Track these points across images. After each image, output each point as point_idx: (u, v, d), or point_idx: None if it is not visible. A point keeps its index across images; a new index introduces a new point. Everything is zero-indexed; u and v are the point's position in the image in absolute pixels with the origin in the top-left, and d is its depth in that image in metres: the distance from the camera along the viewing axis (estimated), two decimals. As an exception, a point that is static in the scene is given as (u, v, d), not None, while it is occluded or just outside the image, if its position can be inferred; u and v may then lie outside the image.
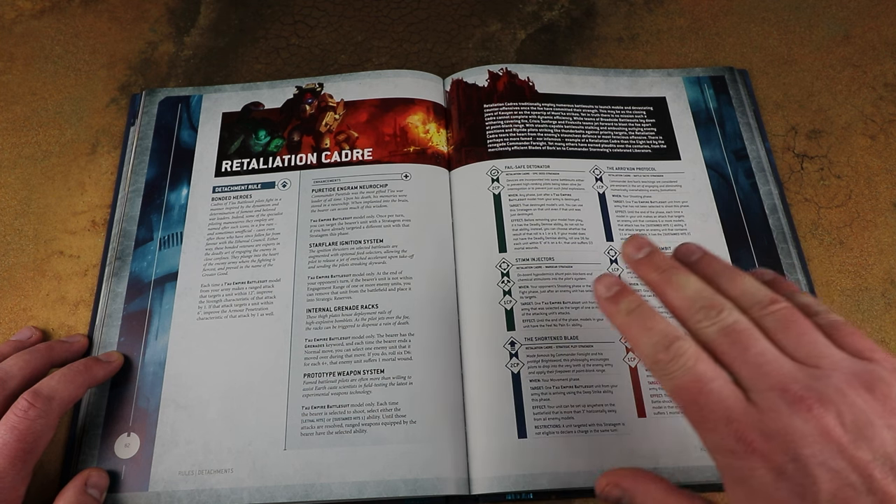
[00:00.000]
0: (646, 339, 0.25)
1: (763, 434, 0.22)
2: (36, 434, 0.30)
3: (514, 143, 0.44)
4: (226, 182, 0.43)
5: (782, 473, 0.21)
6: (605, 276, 0.27)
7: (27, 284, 0.41)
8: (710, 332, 0.24)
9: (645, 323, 0.25)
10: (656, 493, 0.26)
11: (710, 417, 0.23)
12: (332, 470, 0.34)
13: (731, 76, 0.47)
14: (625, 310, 0.26)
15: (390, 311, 0.38)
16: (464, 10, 0.52)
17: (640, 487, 0.27)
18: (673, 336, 0.24)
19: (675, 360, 0.23)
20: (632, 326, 0.25)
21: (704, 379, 0.23)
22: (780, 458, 0.21)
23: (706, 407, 0.23)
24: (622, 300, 0.26)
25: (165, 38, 0.51)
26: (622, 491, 0.27)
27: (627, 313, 0.26)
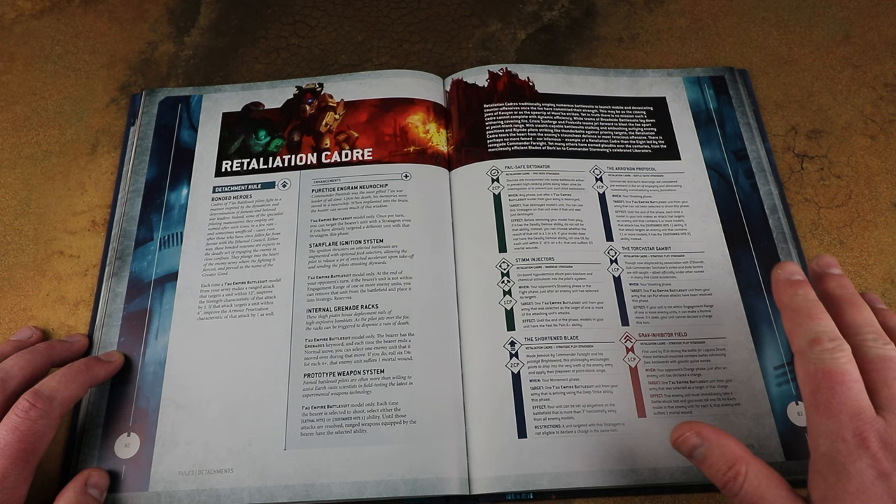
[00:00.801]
0: (813, 325, 0.27)
1: (881, 440, 0.24)
2: (37, 434, 0.30)
3: (514, 143, 0.44)
4: (226, 182, 0.43)
5: (885, 477, 0.23)
6: (789, 263, 0.30)
7: (27, 284, 0.41)
8: (873, 353, 0.27)
9: (817, 313, 0.28)
10: (736, 449, 0.28)
11: (839, 406, 0.25)
12: (332, 470, 0.34)
13: (731, 76, 0.47)
14: (802, 296, 0.28)
15: (390, 311, 0.38)
16: (464, 10, 0.52)
17: (721, 440, 0.28)
18: (838, 335, 0.27)
19: (834, 350, 0.26)
20: (802, 311, 0.28)
21: (850, 376, 0.25)
22: (889, 464, 0.24)
23: (840, 395, 0.25)
24: (802, 288, 0.29)
25: (165, 38, 0.51)
26: (702, 440, 0.28)
27: (804, 298, 0.28)
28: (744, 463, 0.27)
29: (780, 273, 0.30)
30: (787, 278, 0.30)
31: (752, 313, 0.38)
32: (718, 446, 0.28)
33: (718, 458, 0.28)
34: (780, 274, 0.30)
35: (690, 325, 0.38)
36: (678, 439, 0.29)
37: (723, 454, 0.28)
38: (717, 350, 0.37)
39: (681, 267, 0.40)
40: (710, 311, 0.39)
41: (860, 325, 0.28)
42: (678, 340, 0.38)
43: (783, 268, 0.30)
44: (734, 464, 0.27)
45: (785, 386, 0.36)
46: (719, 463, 0.27)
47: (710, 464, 0.28)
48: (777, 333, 0.38)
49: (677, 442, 0.29)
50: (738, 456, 0.27)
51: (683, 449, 0.29)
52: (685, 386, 0.36)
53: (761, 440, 0.35)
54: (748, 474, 0.27)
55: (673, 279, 0.40)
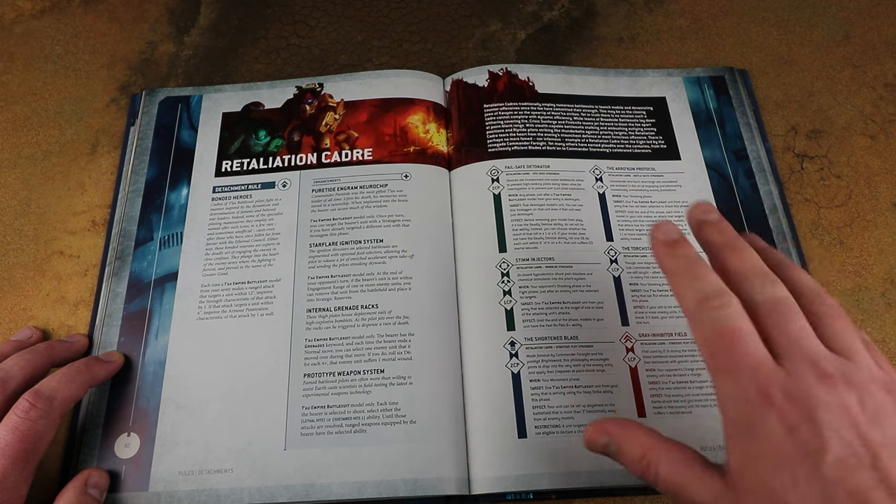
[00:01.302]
0: (697, 285, 0.26)
1: (785, 392, 0.23)
2: (38, 434, 0.30)
3: (514, 143, 0.44)
4: (226, 182, 0.43)
5: (794, 430, 0.22)
6: (665, 223, 0.29)
7: (27, 284, 0.41)
8: (761, 298, 0.25)
9: (699, 271, 0.26)
10: (643, 438, 0.27)
11: (737, 366, 0.24)
12: (332, 470, 0.34)
13: (731, 76, 0.47)
14: (681, 255, 0.27)
15: (390, 311, 0.38)
16: (464, 10, 0.52)
17: (628, 434, 0.27)
18: (723, 289, 0.25)
19: (722, 307, 0.25)
20: (684, 272, 0.27)
21: (744, 331, 0.24)
22: (795, 416, 0.22)
23: (737, 355, 0.24)
24: (680, 247, 0.28)
25: (165, 38, 0.51)
26: (609, 437, 0.28)
27: (684, 258, 0.27)
28: (655, 451, 0.26)
29: (657, 235, 0.28)
30: (664, 239, 0.28)
31: (752, 313, 0.38)
32: (626, 440, 0.27)
33: (630, 451, 0.27)
34: (656, 237, 0.28)
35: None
36: (588, 442, 0.29)
37: (633, 446, 0.27)
38: (717, 350, 0.37)
39: (681, 267, 0.40)
40: (710, 311, 0.39)
41: (745, 271, 0.26)
42: (678, 340, 0.38)
43: (658, 229, 0.28)
44: (644, 454, 0.26)
45: (785, 386, 0.36)
46: (632, 454, 0.27)
47: (623, 458, 0.27)
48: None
49: (588, 444, 0.29)
50: (647, 445, 0.26)
51: (596, 449, 0.28)
52: (685, 386, 0.36)
53: (761, 440, 0.35)
54: (660, 461, 0.26)
55: (673, 279, 0.40)
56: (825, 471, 0.21)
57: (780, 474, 0.22)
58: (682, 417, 0.36)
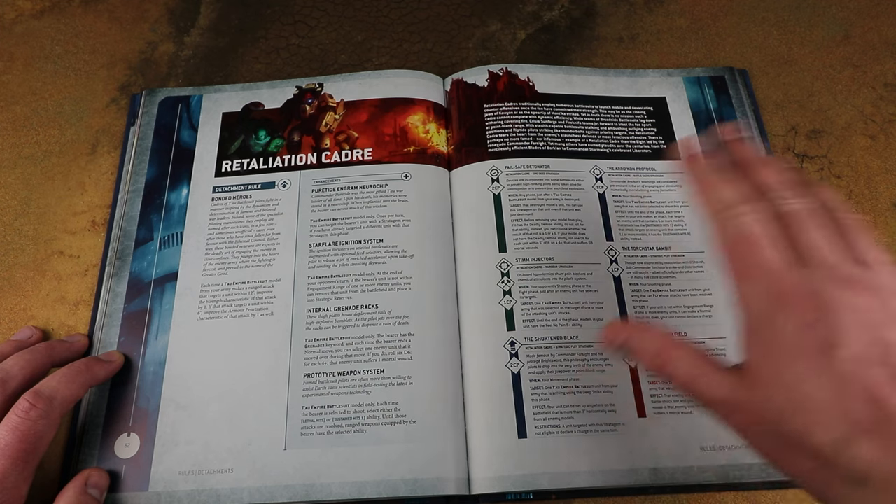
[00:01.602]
0: (719, 194, 0.27)
1: (804, 291, 0.23)
2: (38, 434, 0.30)
3: (514, 143, 0.44)
4: (226, 182, 0.43)
5: (811, 326, 0.23)
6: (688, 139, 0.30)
7: (27, 284, 0.41)
8: (788, 209, 0.26)
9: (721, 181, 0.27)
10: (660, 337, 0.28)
11: (755, 269, 0.24)
12: (332, 470, 0.34)
13: (731, 76, 0.47)
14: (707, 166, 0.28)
15: (390, 311, 0.38)
16: (464, 10, 0.52)
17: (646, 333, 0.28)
18: (745, 197, 0.26)
19: (741, 214, 0.25)
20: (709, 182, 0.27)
21: (762, 236, 0.25)
22: (811, 314, 0.23)
23: (755, 258, 0.25)
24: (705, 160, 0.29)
25: (165, 38, 0.51)
26: (628, 335, 0.29)
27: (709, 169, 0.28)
28: (670, 346, 0.27)
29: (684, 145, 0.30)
30: (689, 151, 0.29)
31: (752, 313, 0.38)
32: (645, 338, 0.28)
33: (647, 348, 0.28)
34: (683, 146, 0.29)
35: (690, 325, 0.38)
36: (606, 340, 0.29)
37: (650, 344, 0.27)
38: (717, 350, 0.37)
39: (681, 267, 0.40)
40: (710, 311, 0.39)
41: (773, 183, 0.27)
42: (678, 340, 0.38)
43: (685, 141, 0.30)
44: (661, 350, 0.27)
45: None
46: (648, 351, 0.27)
47: (640, 357, 0.28)
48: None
49: (607, 340, 0.29)
50: (664, 342, 0.27)
51: (614, 346, 0.29)
52: (685, 386, 0.36)
53: (761, 440, 0.35)
54: (678, 356, 0.26)
55: (673, 279, 0.40)
56: (839, 365, 0.22)
57: (795, 365, 0.22)
58: (682, 417, 0.36)
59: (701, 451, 0.35)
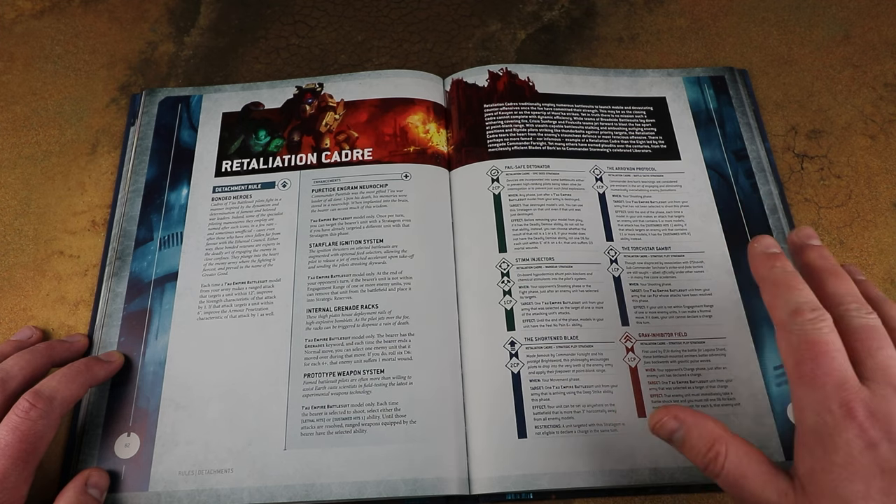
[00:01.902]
0: (793, 296, 0.27)
1: (868, 410, 0.23)
2: (38, 434, 0.30)
3: (514, 143, 0.44)
4: (226, 182, 0.43)
5: (873, 447, 0.23)
6: (765, 237, 0.30)
7: (27, 284, 0.41)
8: (857, 323, 0.26)
9: (797, 284, 0.27)
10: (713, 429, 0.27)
11: (823, 377, 0.24)
12: (332, 470, 0.34)
13: (731, 76, 0.47)
14: (780, 268, 0.28)
15: (390, 311, 0.38)
16: (464, 10, 0.52)
17: (698, 423, 0.28)
18: (818, 304, 0.26)
19: (815, 320, 0.25)
20: (781, 283, 0.28)
21: (834, 346, 0.25)
22: (876, 434, 0.23)
23: (824, 366, 0.25)
24: (780, 260, 0.29)
25: (165, 38, 0.51)
26: (679, 424, 0.28)
27: (782, 269, 0.28)
28: (723, 442, 0.27)
29: (757, 247, 0.30)
30: (763, 251, 0.29)
31: (752, 313, 0.38)
32: (696, 428, 0.27)
33: (698, 440, 0.27)
34: (756, 248, 0.30)
35: (690, 325, 0.38)
36: (656, 425, 0.29)
37: (701, 436, 0.27)
38: (717, 350, 0.37)
39: (681, 267, 0.40)
40: (710, 311, 0.39)
41: (843, 296, 0.27)
42: (678, 340, 0.38)
43: (759, 241, 0.30)
44: (713, 444, 0.27)
45: (785, 386, 0.36)
46: (699, 445, 0.27)
47: (689, 446, 0.27)
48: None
49: (655, 427, 0.29)
50: (716, 436, 0.27)
51: (662, 434, 0.29)
52: (685, 386, 0.36)
53: (761, 440, 0.35)
54: (728, 454, 0.26)
55: (673, 279, 0.40)
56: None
57: (853, 484, 0.23)
58: (682, 417, 0.35)
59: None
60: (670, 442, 0.28)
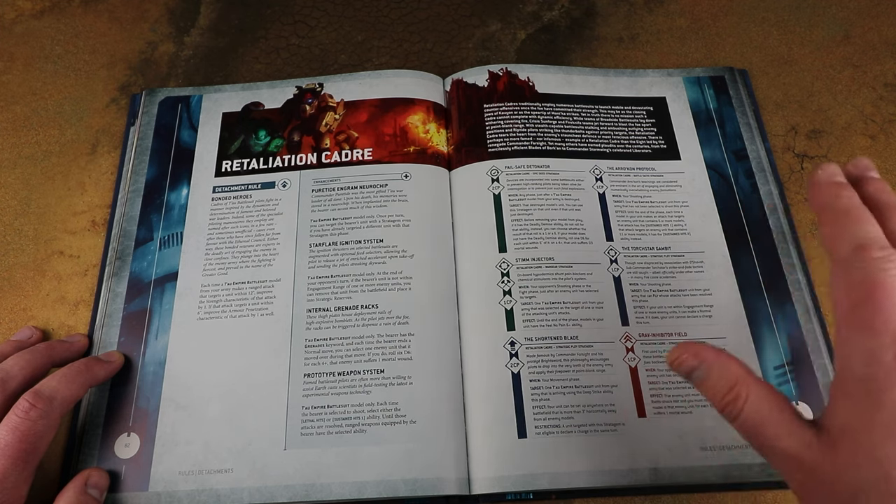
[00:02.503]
0: (860, 230, 0.24)
1: None
2: (38, 434, 0.30)
3: (514, 143, 0.44)
4: (226, 182, 0.43)
5: None
6: (830, 165, 0.27)
7: (27, 284, 0.41)
8: None
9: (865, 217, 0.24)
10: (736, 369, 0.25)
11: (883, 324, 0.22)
12: (332, 470, 0.34)
13: (731, 76, 0.47)
14: (847, 197, 0.25)
15: (390, 311, 0.38)
16: (464, 10, 0.52)
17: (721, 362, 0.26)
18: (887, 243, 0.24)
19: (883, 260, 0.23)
20: (849, 215, 0.25)
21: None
22: None
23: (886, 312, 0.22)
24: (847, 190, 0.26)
25: (165, 38, 0.51)
26: (700, 362, 0.26)
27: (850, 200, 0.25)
28: (745, 384, 0.25)
29: (822, 174, 0.26)
30: (828, 179, 0.26)
31: (752, 313, 0.38)
32: (718, 367, 0.26)
33: (718, 380, 0.25)
34: (820, 175, 0.26)
35: (690, 325, 0.38)
36: (675, 362, 0.27)
37: (722, 375, 0.25)
38: (717, 350, 0.37)
39: (681, 267, 0.40)
40: (710, 311, 0.39)
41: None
42: (678, 340, 0.38)
43: (825, 168, 0.27)
44: (734, 385, 0.25)
45: (785, 386, 0.36)
46: (719, 385, 0.25)
47: (709, 386, 0.26)
48: (777, 333, 0.38)
49: (674, 364, 0.27)
50: (739, 376, 0.25)
51: (681, 371, 0.27)
52: (685, 386, 0.36)
53: (761, 440, 0.35)
54: (749, 396, 0.24)
55: (673, 279, 0.40)
56: None
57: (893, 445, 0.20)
58: (682, 417, 0.36)
59: (701, 451, 0.35)
60: (689, 380, 0.27)
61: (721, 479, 0.34)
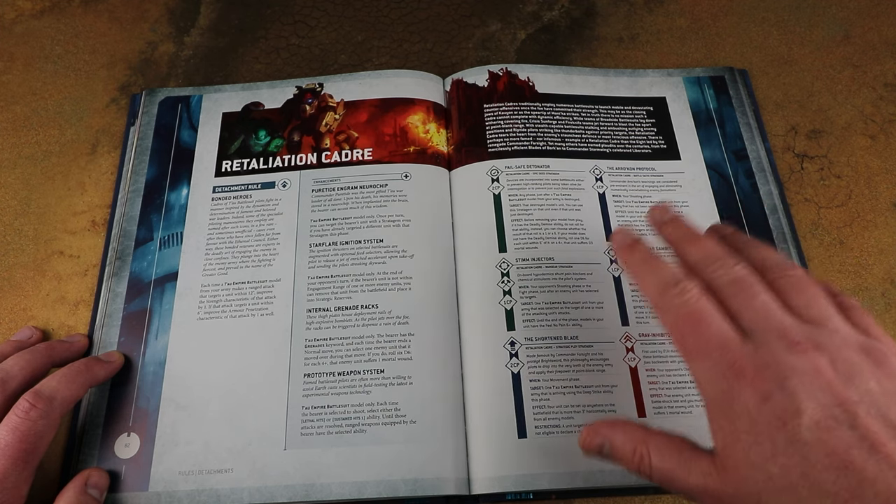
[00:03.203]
0: (656, 278, 0.27)
1: (755, 364, 0.22)
2: (38, 435, 0.30)
3: (514, 143, 0.44)
4: (226, 182, 0.43)
5: (767, 399, 0.22)
6: (622, 229, 0.30)
7: (27, 284, 0.41)
8: (723, 280, 0.25)
9: (658, 266, 0.27)
10: (633, 433, 0.27)
11: (706, 346, 0.24)
12: (332, 470, 0.34)
13: (731, 76, 0.47)
14: (639, 256, 0.28)
15: (390, 311, 0.38)
16: (464, 10, 0.52)
17: (618, 431, 0.27)
18: (681, 276, 0.26)
19: (682, 293, 0.25)
20: (645, 269, 0.28)
21: (707, 311, 0.24)
22: (767, 385, 0.22)
23: (704, 335, 0.24)
24: (638, 246, 0.29)
25: (165, 38, 0.51)
26: (602, 438, 0.27)
27: (642, 259, 0.28)
28: (643, 443, 0.26)
29: (618, 239, 0.30)
30: (622, 241, 0.29)
31: (752, 313, 0.38)
32: (617, 436, 0.27)
33: (622, 449, 0.26)
34: (615, 238, 0.30)
35: (690, 325, 0.38)
36: (584, 446, 0.28)
37: (624, 443, 0.26)
38: (717, 350, 0.37)
39: (681, 267, 0.40)
40: (710, 311, 0.39)
41: (703, 259, 0.27)
42: (678, 340, 0.38)
43: (619, 233, 0.30)
44: (636, 447, 0.26)
45: (785, 386, 0.36)
46: (623, 453, 0.26)
47: (618, 458, 0.27)
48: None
49: (584, 449, 0.28)
50: (636, 438, 0.26)
51: (592, 452, 0.28)
52: (685, 386, 0.36)
53: (761, 440, 0.35)
54: (651, 452, 0.25)
55: (673, 279, 0.40)
56: (802, 435, 0.21)
57: (759, 445, 0.21)
58: (681, 417, 0.36)
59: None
60: (603, 458, 0.28)
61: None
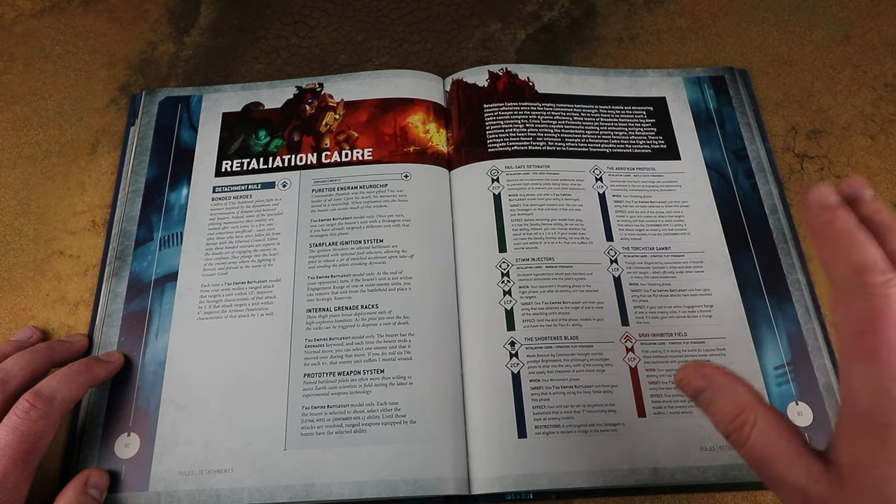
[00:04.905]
0: (859, 255, 0.22)
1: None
2: (38, 435, 0.30)
3: (514, 143, 0.44)
4: (226, 182, 0.43)
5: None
6: (822, 187, 0.25)
7: (27, 284, 0.41)
8: None
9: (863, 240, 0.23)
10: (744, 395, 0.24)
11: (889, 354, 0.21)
12: (332, 470, 0.34)
13: (731, 76, 0.47)
14: (844, 219, 0.24)
15: (390, 311, 0.38)
16: (464, 10, 0.52)
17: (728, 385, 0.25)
18: (889, 266, 0.22)
19: (885, 285, 0.21)
20: (844, 242, 0.23)
21: None
22: None
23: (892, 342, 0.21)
24: (843, 212, 0.24)
25: (165, 38, 0.51)
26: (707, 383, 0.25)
27: (845, 230, 0.23)
28: (752, 411, 0.23)
29: (815, 196, 0.25)
30: (822, 201, 0.24)
31: (752, 313, 0.38)
32: (725, 391, 0.24)
33: (725, 405, 0.24)
34: (814, 197, 0.25)
35: (690, 325, 0.38)
36: (682, 381, 0.26)
37: (730, 400, 0.24)
38: (717, 350, 0.37)
39: (681, 267, 0.40)
40: (710, 311, 0.39)
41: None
42: (678, 340, 0.38)
43: (818, 190, 0.25)
44: (742, 411, 0.24)
45: (785, 386, 0.36)
46: (726, 409, 0.24)
47: (714, 410, 0.25)
48: (777, 333, 0.38)
49: (681, 384, 0.26)
50: (746, 402, 0.24)
51: (688, 391, 0.26)
52: (685, 386, 0.36)
53: (761, 440, 0.35)
54: (756, 424, 0.23)
55: (673, 279, 0.40)
56: None
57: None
58: (682, 417, 0.36)
59: (701, 450, 0.35)
60: (695, 401, 0.26)
61: (720, 478, 0.34)
